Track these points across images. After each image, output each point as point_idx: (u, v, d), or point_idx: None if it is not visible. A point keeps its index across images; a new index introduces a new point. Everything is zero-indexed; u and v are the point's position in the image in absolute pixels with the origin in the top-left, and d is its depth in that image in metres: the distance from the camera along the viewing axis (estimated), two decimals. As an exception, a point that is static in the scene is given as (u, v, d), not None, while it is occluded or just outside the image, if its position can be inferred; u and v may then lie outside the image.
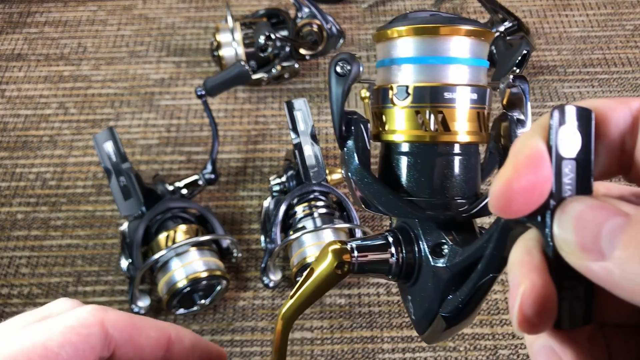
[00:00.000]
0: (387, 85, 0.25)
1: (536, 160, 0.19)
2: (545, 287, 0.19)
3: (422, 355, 0.63)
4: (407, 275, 0.26)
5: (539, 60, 0.89)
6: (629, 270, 0.16)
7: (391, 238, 0.26)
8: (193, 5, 0.99)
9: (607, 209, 0.18)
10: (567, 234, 0.18)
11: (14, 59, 0.91)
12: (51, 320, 0.25)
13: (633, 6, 0.95)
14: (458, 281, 0.24)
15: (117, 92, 0.87)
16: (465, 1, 0.97)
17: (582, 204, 0.18)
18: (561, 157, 0.19)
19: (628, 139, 0.20)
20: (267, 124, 0.83)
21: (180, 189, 0.70)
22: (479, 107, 0.25)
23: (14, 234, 0.73)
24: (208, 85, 0.74)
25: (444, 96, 0.24)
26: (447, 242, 0.25)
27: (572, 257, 0.18)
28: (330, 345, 0.65)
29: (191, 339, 0.28)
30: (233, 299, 0.68)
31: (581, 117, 0.19)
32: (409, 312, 0.27)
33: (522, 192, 0.18)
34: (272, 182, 0.70)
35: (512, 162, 0.19)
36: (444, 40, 0.24)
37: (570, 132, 0.19)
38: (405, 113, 0.25)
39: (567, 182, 0.19)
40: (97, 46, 0.93)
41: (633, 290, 0.17)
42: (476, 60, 0.25)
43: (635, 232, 0.17)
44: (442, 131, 0.24)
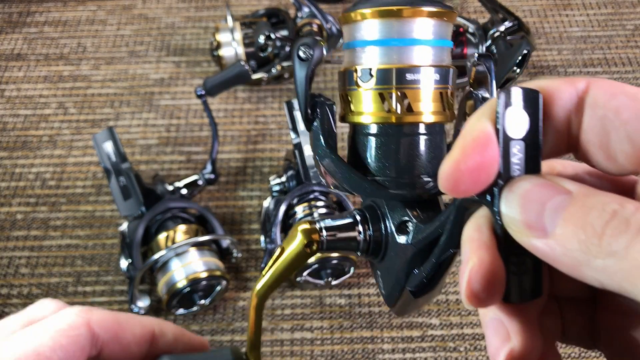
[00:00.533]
0: (352, 67, 0.26)
1: (483, 141, 0.19)
2: (492, 263, 0.19)
3: (422, 356, 0.63)
4: (374, 252, 0.27)
5: (539, 60, 0.89)
6: (569, 246, 0.17)
7: (359, 217, 0.27)
8: (193, 5, 0.98)
9: (551, 188, 0.18)
10: (513, 212, 0.19)
11: (14, 59, 0.91)
12: (39, 325, 0.25)
13: (633, 6, 0.95)
14: (422, 257, 0.25)
15: (116, 92, 0.87)
16: (466, 1, 0.97)
17: (527, 182, 0.19)
18: (509, 138, 0.19)
19: (574, 118, 0.20)
20: (267, 124, 0.83)
21: (180, 189, 0.70)
22: (443, 87, 0.25)
23: (13, 234, 0.73)
24: (208, 85, 0.74)
25: (407, 77, 0.25)
26: (412, 220, 0.25)
27: (518, 234, 0.19)
28: (330, 346, 0.64)
29: (174, 332, 0.29)
30: (233, 299, 0.68)
31: (528, 99, 0.20)
32: (379, 287, 0.28)
33: (468, 172, 0.19)
34: (272, 182, 0.70)
35: (460, 143, 0.19)
36: (407, 22, 0.25)
37: (517, 114, 0.19)
38: (370, 95, 0.25)
39: (516, 162, 0.19)
40: (96, 46, 0.93)
41: (573, 265, 0.17)
42: (439, 41, 0.25)
43: (576, 210, 0.17)
44: (406, 112, 0.25)
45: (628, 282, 0.16)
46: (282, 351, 0.64)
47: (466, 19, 0.82)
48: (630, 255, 0.16)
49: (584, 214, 0.17)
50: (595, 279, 0.17)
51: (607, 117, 0.19)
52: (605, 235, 0.16)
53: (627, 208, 0.17)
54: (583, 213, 0.17)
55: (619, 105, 0.19)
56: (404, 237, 0.25)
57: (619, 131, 0.19)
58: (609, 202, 0.17)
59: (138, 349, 0.28)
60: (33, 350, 0.24)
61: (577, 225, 0.17)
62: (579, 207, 0.17)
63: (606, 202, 0.17)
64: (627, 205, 0.17)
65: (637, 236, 0.16)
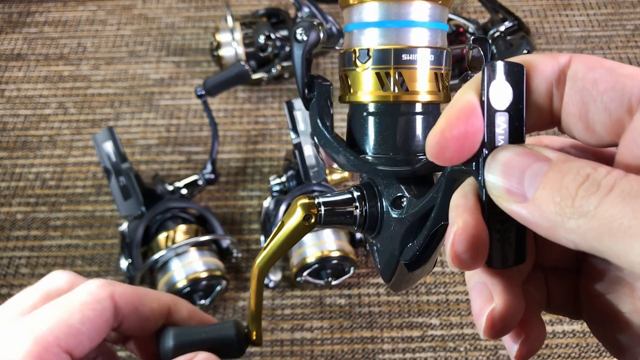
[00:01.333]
0: (351, 49, 0.27)
1: (467, 112, 0.20)
2: (476, 227, 0.20)
3: (422, 356, 0.63)
4: (370, 227, 0.28)
5: (539, 60, 0.89)
6: (545, 209, 0.18)
7: (356, 193, 0.28)
8: (193, 5, 0.98)
9: (531, 155, 0.19)
10: (495, 179, 0.20)
11: (14, 59, 0.91)
12: (66, 298, 0.26)
13: (633, 6, 0.95)
14: (415, 230, 0.25)
15: (116, 92, 0.87)
16: (466, 1, 0.97)
17: (509, 151, 0.20)
18: (493, 109, 0.20)
19: (556, 91, 0.21)
20: (267, 124, 0.83)
21: (180, 189, 0.70)
22: (437, 68, 0.26)
23: (13, 234, 0.73)
24: (208, 85, 0.74)
25: (404, 58, 0.26)
26: (405, 195, 0.26)
27: (500, 200, 0.20)
28: (330, 346, 0.64)
29: (188, 309, 0.30)
30: (233, 299, 0.68)
31: (512, 72, 0.20)
32: (375, 261, 0.29)
33: (453, 140, 0.20)
34: (272, 182, 0.70)
35: (445, 113, 0.20)
36: (404, 5, 0.26)
37: (501, 86, 0.20)
38: (368, 74, 0.26)
39: (500, 132, 0.20)
40: (96, 46, 0.93)
41: (549, 228, 0.18)
42: (435, 24, 0.26)
43: (553, 174, 0.18)
44: (403, 91, 0.26)
45: (597, 241, 0.17)
46: (282, 351, 0.64)
47: (466, 19, 0.82)
48: (599, 214, 0.17)
49: (560, 178, 0.18)
50: (569, 240, 0.18)
51: (585, 88, 0.20)
52: (577, 196, 0.17)
53: (599, 171, 0.17)
54: (559, 177, 0.18)
55: (597, 77, 0.20)
56: (398, 211, 0.26)
57: (597, 102, 0.19)
58: (583, 166, 0.18)
59: (154, 322, 0.29)
60: (65, 323, 0.25)
61: (553, 189, 0.18)
62: (556, 171, 0.18)
63: (581, 167, 0.18)
64: (600, 169, 0.17)
65: (606, 196, 0.17)
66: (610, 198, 0.17)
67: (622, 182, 0.17)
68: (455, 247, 0.20)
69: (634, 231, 0.16)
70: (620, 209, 0.16)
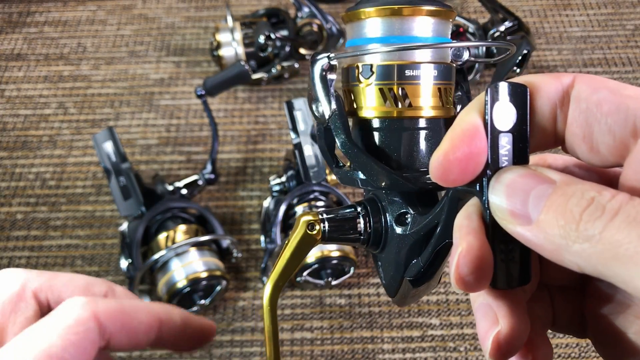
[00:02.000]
0: (354, 64, 0.27)
1: (471, 133, 0.20)
2: (481, 249, 0.20)
3: (422, 356, 0.63)
4: (375, 243, 0.27)
5: (539, 60, 0.89)
6: (550, 232, 0.18)
7: (360, 208, 0.28)
8: (193, 5, 0.98)
9: (535, 177, 0.19)
10: (499, 201, 0.20)
11: (14, 59, 0.91)
12: (45, 323, 0.24)
13: (633, 6, 0.95)
14: (420, 247, 0.25)
15: (116, 92, 0.87)
16: (466, 1, 0.97)
17: (513, 172, 0.20)
18: (497, 130, 0.20)
19: (560, 112, 0.21)
20: (267, 124, 0.83)
21: (180, 189, 0.70)
22: (441, 83, 0.26)
23: (13, 234, 0.73)
24: (208, 85, 0.74)
25: (406, 73, 0.26)
26: (410, 212, 0.26)
27: (504, 222, 0.19)
28: (331, 346, 0.64)
29: (181, 316, 0.29)
30: (233, 299, 0.68)
31: (515, 93, 0.21)
32: (380, 277, 0.29)
33: (457, 162, 0.20)
34: (272, 182, 0.70)
35: (449, 135, 0.20)
36: (407, 21, 0.26)
37: (505, 107, 0.20)
38: (371, 90, 0.26)
39: (504, 153, 0.20)
40: (96, 46, 0.93)
41: (554, 251, 0.18)
42: (438, 39, 0.26)
43: (557, 197, 0.18)
44: (406, 107, 0.26)
45: (602, 265, 0.17)
46: (282, 351, 0.64)
47: (466, 19, 0.82)
48: (604, 239, 0.16)
49: (564, 201, 0.18)
50: (574, 264, 0.18)
51: (589, 110, 0.20)
52: (582, 220, 0.17)
53: (603, 195, 0.17)
54: (563, 200, 0.18)
55: (601, 98, 0.20)
56: (403, 228, 0.26)
57: (601, 124, 0.19)
58: (587, 189, 0.18)
59: (145, 337, 0.27)
60: (44, 352, 0.23)
61: (557, 212, 0.18)
62: (560, 195, 0.18)
63: (585, 190, 0.18)
64: (604, 192, 0.17)
65: (611, 221, 0.17)
66: (615, 223, 0.16)
67: (627, 206, 0.17)
68: (460, 270, 0.20)
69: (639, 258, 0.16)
70: (625, 235, 0.16)
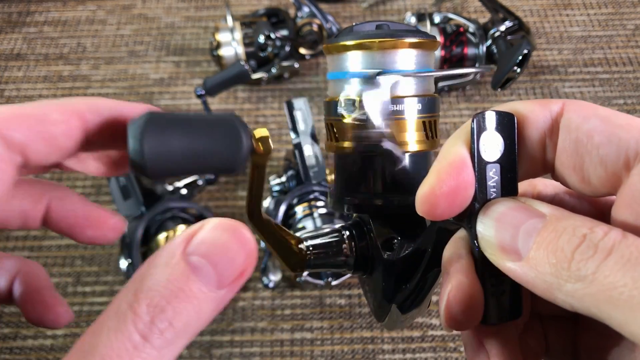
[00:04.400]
0: (336, 98, 0.26)
1: (458, 166, 0.19)
2: (471, 287, 0.20)
3: (422, 356, 0.63)
4: (362, 268, 0.27)
5: (539, 59, 0.89)
6: (541, 269, 0.17)
7: (345, 233, 0.27)
8: (192, 4, 0.98)
9: (525, 211, 0.19)
10: (488, 235, 0.19)
11: (13, 59, 0.91)
12: None
13: (634, 6, 0.95)
14: (407, 273, 0.25)
15: (116, 92, 0.87)
16: (466, 0, 0.97)
17: (502, 205, 0.19)
18: (484, 161, 0.20)
19: (549, 141, 0.20)
20: (267, 124, 0.83)
21: (180, 189, 0.70)
22: (426, 117, 0.25)
23: (13, 234, 0.73)
24: (208, 84, 0.73)
25: (390, 108, 0.25)
26: (397, 237, 0.26)
27: (494, 257, 0.19)
28: (331, 346, 0.64)
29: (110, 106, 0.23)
30: (233, 299, 0.68)
31: (502, 122, 0.20)
32: (368, 302, 0.28)
33: (444, 197, 0.19)
34: (272, 182, 0.70)
35: (435, 168, 0.20)
36: (389, 54, 0.25)
37: (492, 137, 0.20)
38: (354, 125, 0.25)
39: (492, 185, 0.20)
40: (96, 46, 0.93)
41: (545, 289, 0.17)
42: (422, 71, 0.25)
43: (548, 234, 0.17)
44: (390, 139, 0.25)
45: (596, 307, 0.16)
46: (282, 351, 0.64)
47: (466, 19, 0.82)
48: (597, 280, 0.16)
49: (555, 238, 0.17)
50: (566, 302, 0.17)
51: (580, 140, 0.19)
52: (574, 260, 0.17)
53: (596, 233, 0.17)
54: (554, 237, 0.17)
55: (591, 128, 0.19)
56: (390, 253, 0.25)
57: (592, 155, 0.19)
58: (579, 226, 0.17)
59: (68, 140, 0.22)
60: None
61: (548, 249, 0.17)
62: (550, 231, 0.18)
63: (577, 226, 0.17)
64: (596, 229, 0.17)
65: (603, 261, 0.16)
66: (608, 263, 0.16)
67: (620, 245, 0.16)
68: (451, 310, 0.20)
69: (635, 302, 0.15)
70: (620, 277, 0.16)
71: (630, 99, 0.84)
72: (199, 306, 0.18)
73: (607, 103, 0.83)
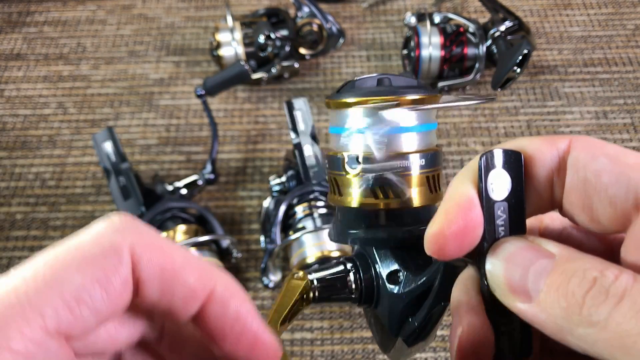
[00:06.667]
0: (339, 153, 0.26)
1: (466, 206, 0.20)
2: (481, 328, 0.20)
3: (422, 356, 0.63)
4: (367, 301, 0.27)
5: (539, 59, 0.89)
6: (552, 312, 0.17)
7: (350, 265, 0.27)
8: (193, 4, 0.98)
9: (534, 250, 0.19)
10: (498, 276, 0.19)
11: (13, 59, 0.91)
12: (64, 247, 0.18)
13: (634, 6, 0.95)
14: (414, 306, 0.25)
15: (116, 92, 0.87)
16: (466, 0, 0.97)
17: (511, 245, 0.19)
18: (492, 200, 0.20)
19: (556, 179, 0.20)
20: (267, 124, 0.83)
21: (180, 189, 0.70)
22: (429, 172, 0.25)
23: (13, 234, 0.73)
24: (208, 84, 0.73)
25: (393, 165, 0.25)
26: (402, 270, 0.25)
27: (503, 298, 0.19)
28: (331, 346, 0.64)
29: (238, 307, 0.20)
30: (233, 300, 0.68)
31: (509, 160, 0.20)
32: (373, 333, 0.28)
33: (453, 237, 0.19)
34: (272, 182, 0.70)
35: (443, 208, 0.20)
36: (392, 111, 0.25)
37: (499, 175, 0.20)
38: (357, 181, 0.25)
39: (500, 223, 0.20)
40: (96, 46, 0.93)
41: (556, 331, 0.17)
42: (424, 126, 0.25)
43: (558, 275, 0.17)
44: (394, 198, 0.25)
45: (608, 353, 0.16)
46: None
47: (466, 19, 0.82)
48: (610, 326, 0.16)
49: (565, 281, 0.17)
50: (578, 346, 0.17)
51: (588, 180, 0.19)
52: (585, 305, 0.16)
53: (606, 276, 0.17)
54: (564, 279, 0.17)
55: (600, 168, 0.19)
56: (395, 286, 0.25)
57: (601, 195, 0.19)
58: (589, 268, 0.17)
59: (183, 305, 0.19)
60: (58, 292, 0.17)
61: (559, 293, 0.17)
62: (560, 273, 0.18)
63: (587, 269, 0.17)
64: (607, 272, 0.17)
65: (615, 307, 0.16)
66: (621, 310, 0.16)
67: (632, 291, 0.16)
68: (462, 352, 0.20)
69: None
70: (633, 325, 0.15)
71: (630, 99, 0.84)
72: None
73: (607, 103, 0.83)
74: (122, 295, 0.18)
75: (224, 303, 0.20)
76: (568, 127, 0.81)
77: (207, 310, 0.20)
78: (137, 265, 0.18)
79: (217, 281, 0.20)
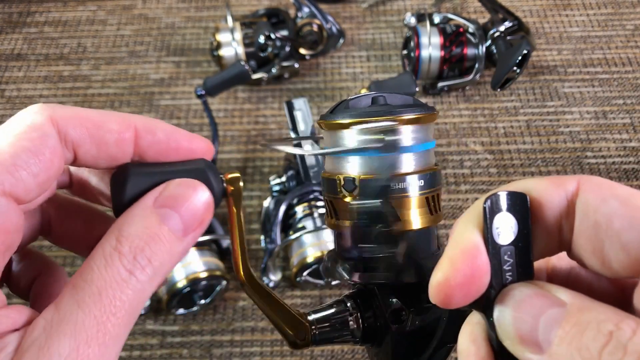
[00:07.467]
0: (335, 175, 0.25)
1: (471, 253, 0.19)
2: None
3: None
4: (370, 340, 0.26)
5: (539, 60, 0.89)
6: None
7: (350, 304, 0.26)
8: (193, 5, 0.98)
9: (544, 298, 0.18)
10: (507, 325, 0.18)
11: (14, 59, 0.91)
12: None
13: (633, 6, 0.95)
14: (418, 346, 0.24)
15: (116, 92, 0.87)
16: (466, 1, 0.97)
17: (520, 293, 0.19)
18: (498, 245, 0.19)
19: (565, 222, 0.19)
20: (267, 124, 0.83)
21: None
22: (428, 192, 0.25)
23: (13, 234, 0.73)
24: (208, 85, 0.74)
25: (391, 187, 0.24)
26: (405, 309, 0.25)
27: (513, 348, 0.18)
28: (330, 346, 0.64)
29: (165, 129, 0.24)
30: (233, 299, 0.68)
31: (515, 203, 0.19)
32: None
33: (459, 286, 0.19)
34: (272, 182, 0.70)
35: (448, 255, 0.19)
36: (387, 132, 0.24)
37: (505, 219, 0.19)
38: (354, 205, 0.25)
39: (507, 268, 0.19)
40: (96, 46, 0.93)
41: None
42: (422, 146, 0.25)
43: (571, 327, 0.17)
44: (393, 221, 0.24)
45: None
46: (282, 351, 0.64)
47: (466, 19, 0.82)
48: None
49: (578, 334, 0.17)
50: None
51: (599, 224, 0.18)
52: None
53: (623, 330, 0.16)
54: (578, 332, 0.17)
55: (611, 212, 0.18)
56: (399, 326, 0.25)
57: (612, 240, 0.18)
58: (604, 320, 0.16)
59: (118, 148, 0.23)
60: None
61: (572, 346, 0.17)
62: (573, 325, 0.17)
63: (601, 321, 0.16)
64: (623, 326, 0.16)
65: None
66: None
67: None
68: None
69: None
70: None
71: (629, 99, 0.84)
72: (170, 248, 0.22)
73: (606, 103, 0.83)
74: (54, 160, 0.21)
75: (150, 131, 0.24)
76: (567, 127, 0.81)
77: (140, 144, 0.24)
78: (66, 133, 0.22)
79: (135, 119, 0.24)
